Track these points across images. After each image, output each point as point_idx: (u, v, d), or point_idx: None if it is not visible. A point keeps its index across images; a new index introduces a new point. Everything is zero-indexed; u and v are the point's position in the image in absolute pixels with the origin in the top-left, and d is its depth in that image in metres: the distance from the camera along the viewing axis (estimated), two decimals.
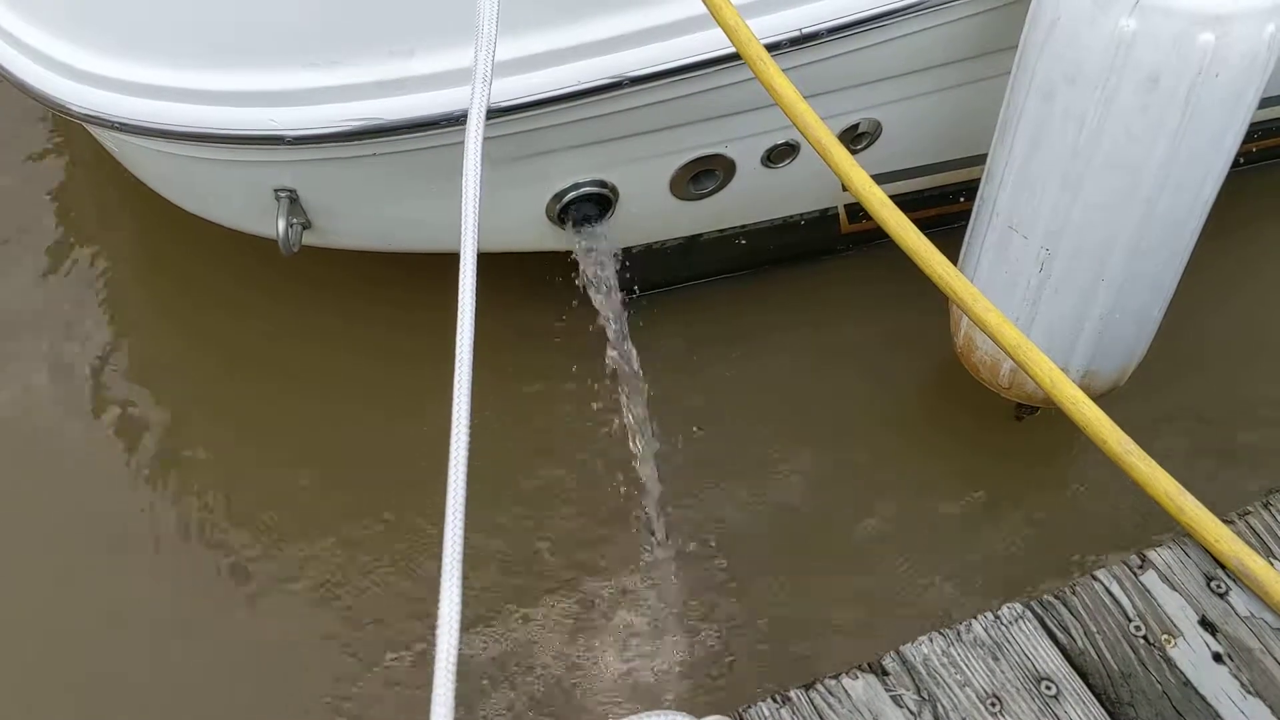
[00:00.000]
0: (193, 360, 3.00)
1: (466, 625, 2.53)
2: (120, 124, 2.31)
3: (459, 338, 1.60)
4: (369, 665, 2.52)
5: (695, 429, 2.83)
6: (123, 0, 2.25)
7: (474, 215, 1.68)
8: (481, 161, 1.72)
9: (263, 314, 3.02)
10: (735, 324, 2.99)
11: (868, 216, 1.99)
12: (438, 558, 1.39)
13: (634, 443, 2.65)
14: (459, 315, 1.63)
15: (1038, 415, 2.67)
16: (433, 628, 1.32)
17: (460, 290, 1.65)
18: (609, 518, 2.70)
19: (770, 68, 1.98)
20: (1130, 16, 1.94)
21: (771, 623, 2.56)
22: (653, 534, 2.66)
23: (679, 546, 2.66)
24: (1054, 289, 2.30)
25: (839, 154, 1.95)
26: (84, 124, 2.46)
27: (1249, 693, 1.66)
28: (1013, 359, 1.91)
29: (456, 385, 1.55)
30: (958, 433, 2.80)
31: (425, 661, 2.50)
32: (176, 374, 2.98)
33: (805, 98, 2.37)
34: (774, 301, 3.01)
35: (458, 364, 1.57)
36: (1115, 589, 1.75)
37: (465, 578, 1.37)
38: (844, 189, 2.09)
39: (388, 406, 2.87)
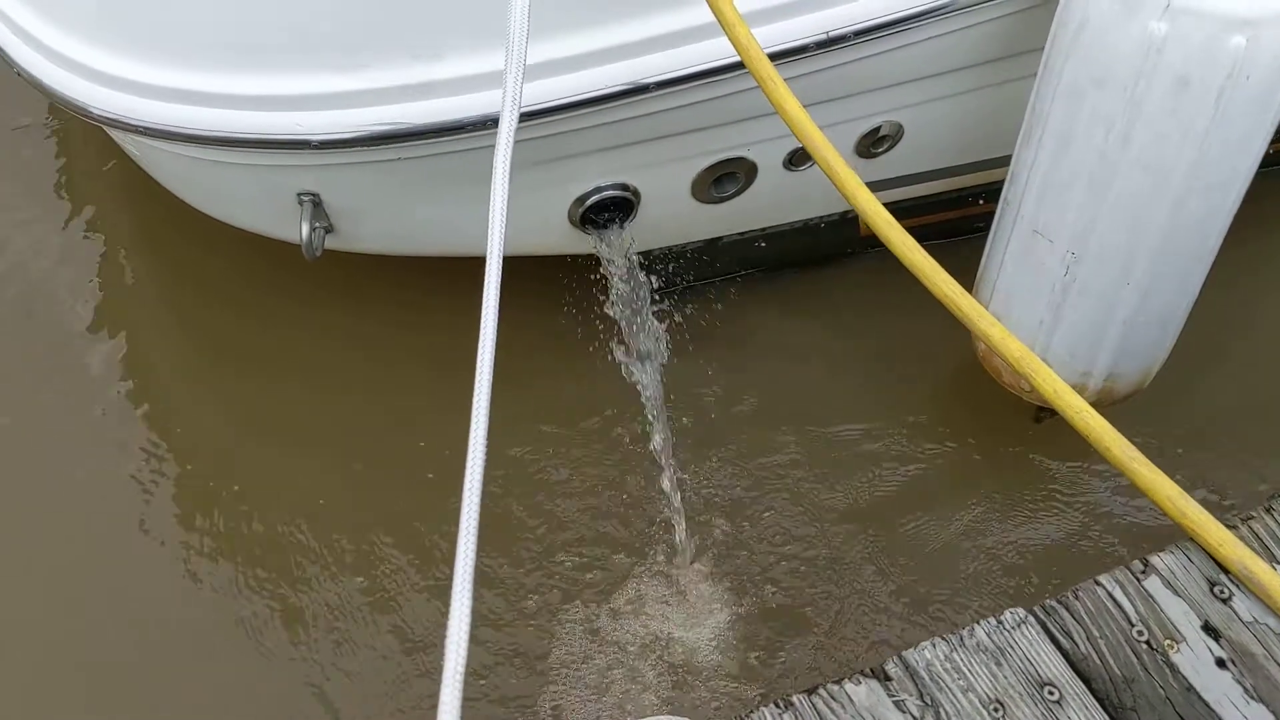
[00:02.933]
0: (199, 360, 3.04)
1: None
2: (143, 128, 2.32)
3: (481, 346, 1.61)
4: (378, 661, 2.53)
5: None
6: (146, 2, 2.24)
7: (501, 216, 1.67)
8: (511, 164, 1.72)
9: (274, 315, 3.05)
10: (755, 325, 3.00)
11: None
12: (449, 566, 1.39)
13: (655, 448, 2.68)
14: (483, 318, 1.64)
15: (1058, 418, 2.66)
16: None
17: (485, 289, 1.64)
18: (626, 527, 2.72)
19: (780, 88, 2.02)
20: (1160, 20, 1.94)
21: (781, 624, 2.57)
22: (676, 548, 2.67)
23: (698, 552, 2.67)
24: (1079, 292, 2.29)
25: (845, 175, 1.99)
26: (104, 127, 2.45)
27: (1252, 698, 1.67)
28: (1016, 370, 1.97)
29: (476, 394, 1.56)
30: (978, 435, 2.81)
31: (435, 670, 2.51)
32: (182, 374, 3.02)
33: (829, 101, 2.39)
34: (793, 304, 3.02)
35: (479, 370, 1.58)
36: (1118, 594, 1.77)
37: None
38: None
39: (404, 408, 2.89)
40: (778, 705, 1.67)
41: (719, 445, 2.81)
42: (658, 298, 2.76)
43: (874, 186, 2.71)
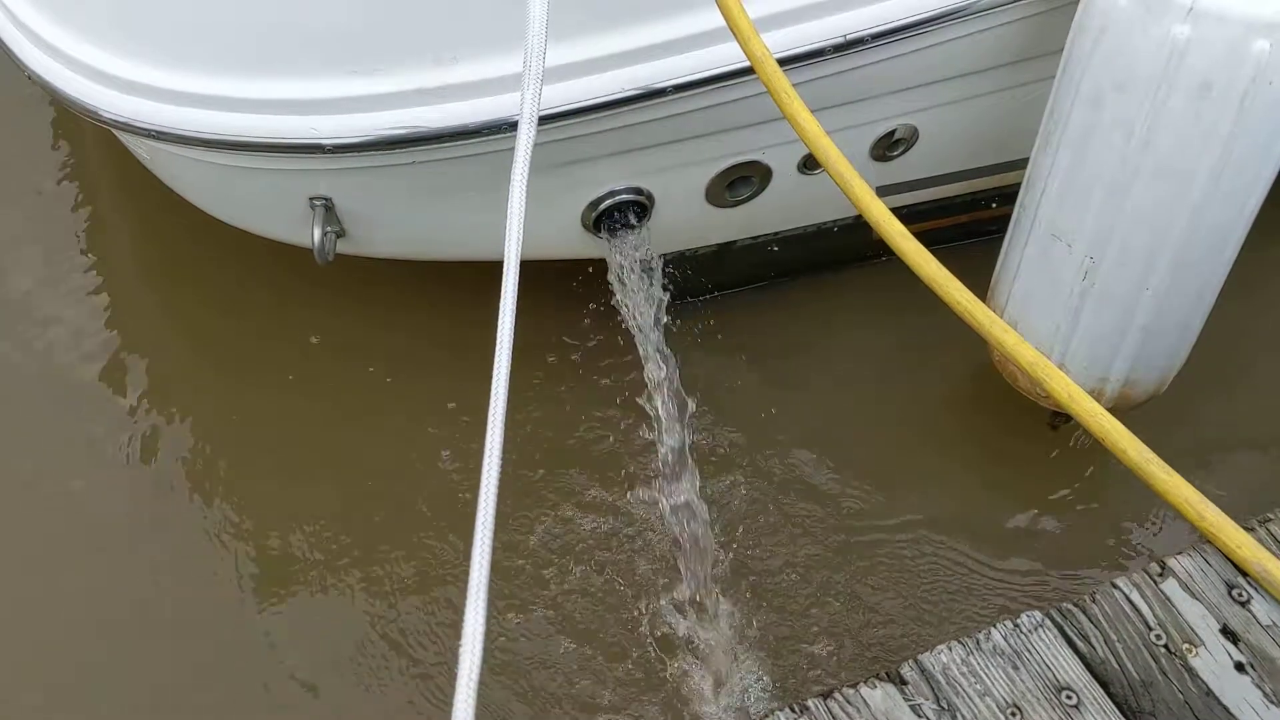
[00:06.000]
0: (204, 367, 3.04)
1: None
2: (155, 132, 2.32)
3: (498, 351, 1.59)
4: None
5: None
6: (159, 5, 2.26)
7: (518, 221, 1.66)
8: (529, 168, 1.71)
9: (279, 320, 3.05)
10: (768, 331, 3.00)
11: None
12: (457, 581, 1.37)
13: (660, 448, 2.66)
14: (499, 323, 1.62)
15: (1074, 423, 2.65)
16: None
17: (503, 296, 1.64)
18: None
19: (795, 102, 2.03)
20: (1183, 23, 1.94)
21: (793, 629, 2.57)
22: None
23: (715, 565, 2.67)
24: (1097, 298, 2.30)
25: (858, 186, 2.00)
26: (114, 130, 2.43)
27: (1272, 703, 1.67)
28: (1029, 375, 1.99)
29: (492, 400, 1.55)
30: (992, 440, 2.81)
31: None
32: (187, 379, 3.01)
33: (844, 104, 2.38)
34: (805, 306, 3.02)
35: (495, 382, 1.57)
36: (1135, 597, 1.77)
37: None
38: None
39: (402, 414, 2.89)
40: (793, 710, 1.68)
41: (726, 446, 2.81)
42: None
43: (888, 190, 2.70)
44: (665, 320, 2.61)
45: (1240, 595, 1.76)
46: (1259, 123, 2.00)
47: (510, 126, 2.16)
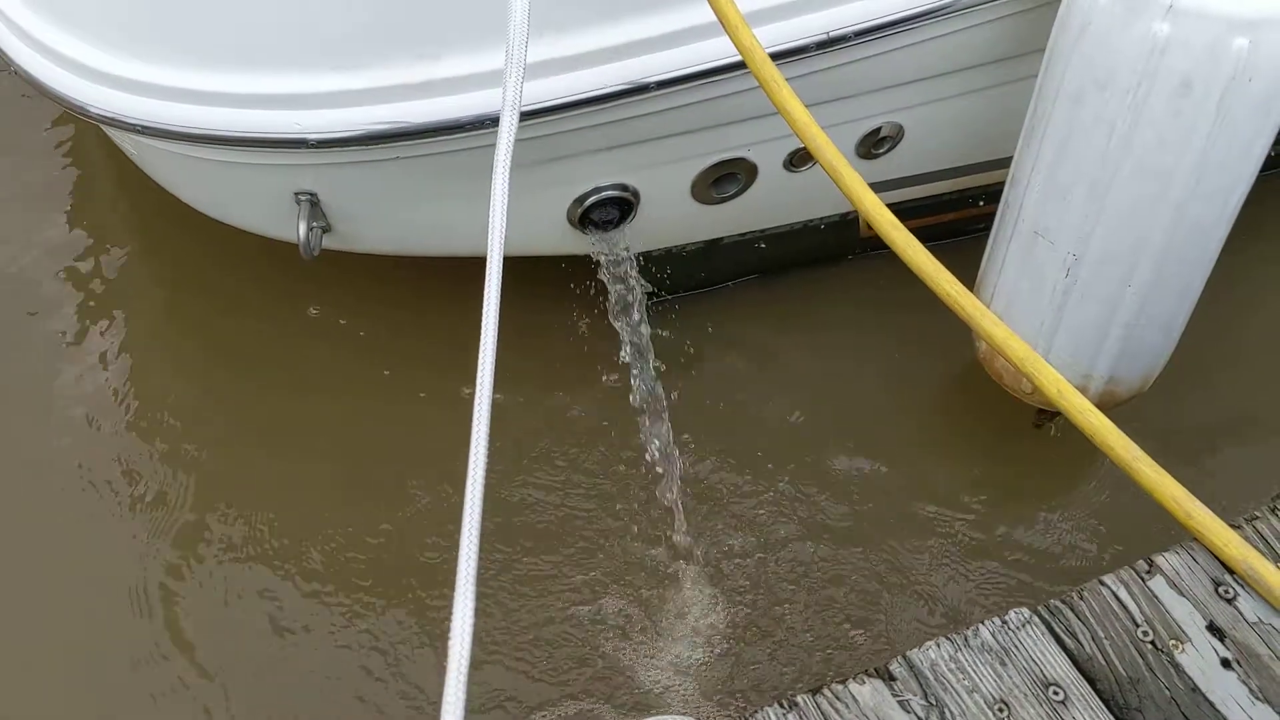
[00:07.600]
0: (200, 361, 3.03)
1: None
2: (141, 127, 2.32)
3: (483, 348, 1.60)
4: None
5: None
6: (145, 1, 2.24)
7: (501, 216, 1.68)
8: (510, 164, 1.72)
9: (268, 315, 3.05)
10: (755, 329, 3.00)
11: None
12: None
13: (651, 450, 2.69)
14: (484, 319, 1.63)
15: (1059, 420, 2.66)
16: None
17: (486, 291, 1.64)
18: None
19: (784, 90, 2.03)
20: (1163, 21, 1.95)
21: (783, 626, 2.58)
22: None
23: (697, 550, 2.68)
24: (1080, 295, 2.30)
25: (849, 177, 2.01)
26: (101, 126, 2.44)
27: (1258, 699, 1.69)
28: (1020, 371, 1.99)
29: (478, 397, 1.56)
30: (978, 437, 2.82)
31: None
32: (184, 375, 3.00)
33: (829, 101, 2.39)
34: (794, 306, 3.03)
35: (480, 373, 1.57)
36: (1123, 594, 1.79)
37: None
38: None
39: (395, 407, 2.90)
40: (782, 705, 1.69)
41: (719, 446, 2.82)
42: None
43: (875, 188, 2.70)
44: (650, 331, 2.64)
45: (1227, 592, 1.77)
46: (1239, 121, 2.01)
47: (494, 121, 2.17)
